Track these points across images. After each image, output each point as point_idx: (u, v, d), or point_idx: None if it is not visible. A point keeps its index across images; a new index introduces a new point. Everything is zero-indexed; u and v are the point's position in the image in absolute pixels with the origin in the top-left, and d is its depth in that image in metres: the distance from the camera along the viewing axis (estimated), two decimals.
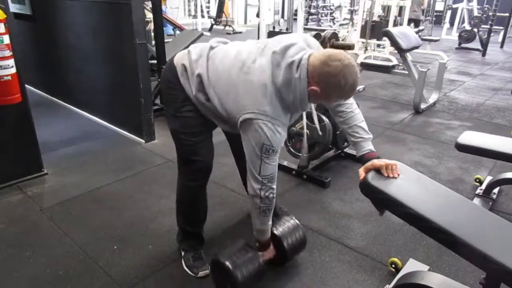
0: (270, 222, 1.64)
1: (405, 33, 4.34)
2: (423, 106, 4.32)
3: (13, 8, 3.97)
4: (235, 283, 1.57)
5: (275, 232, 1.75)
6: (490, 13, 8.43)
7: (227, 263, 1.58)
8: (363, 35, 7.00)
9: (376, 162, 1.49)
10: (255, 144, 1.40)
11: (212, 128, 1.70)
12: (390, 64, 4.56)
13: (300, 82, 1.35)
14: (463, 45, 8.74)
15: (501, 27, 9.35)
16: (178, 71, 1.58)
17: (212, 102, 1.52)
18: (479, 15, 8.89)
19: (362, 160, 1.56)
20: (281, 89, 1.38)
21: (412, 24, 7.59)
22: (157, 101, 4.00)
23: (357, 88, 1.64)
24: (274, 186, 1.52)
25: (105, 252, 1.93)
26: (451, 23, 10.81)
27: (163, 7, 9.39)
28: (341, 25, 9.34)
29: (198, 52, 1.56)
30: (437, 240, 1.33)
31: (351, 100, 1.63)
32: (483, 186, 2.53)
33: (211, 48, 1.57)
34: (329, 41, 2.56)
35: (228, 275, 1.58)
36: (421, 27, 7.81)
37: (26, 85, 2.50)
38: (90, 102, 3.77)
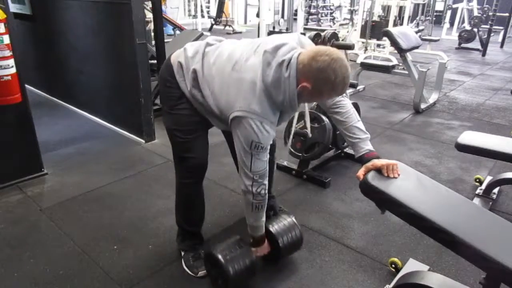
0: (264, 219, 1.65)
1: (405, 33, 4.34)
2: (423, 106, 4.32)
3: (13, 8, 3.97)
4: (227, 277, 1.58)
5: (270, 229, 1.76)
6: (490, 13, 8.43)
7: (220, 257, 1.59)
8: (363, 35, 7.01)
9: (376, 162, 1.49)
10: (244, 141, 1.41)
11: (207, 127, 1.70)
12: (390, 64, 4.55)
13: (290, 82, 1.36)
14: (463, 45, 8.74)
15: (501, 27, 9.34)
16: (174, 69, 1.59)
17: (206, 99, 1.53)
18: (479, 15, 8.88)
19: (361, 160, 1.56)
20: (271, 89, 1.38)
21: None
22: (157, 101, 4.00)
23: (358, 88, 1.64)
24: (266, 182, 1.53)
25: (105, 252, 1.93)
26: (451, 23, 10.81)
27: (163, 7, 9.39)
28: (341, 25, 9.33)
29: (194, 49, 1.58)
30: (437, 240, 1.33)
31: (346, 101, 1.64)
32: (483, 186, 2.53)
33: (207, 45, 1.58)
34: (329, 41, 2.56)
35: (220, 269, 1.60)
36: (421, 27, 7.81)
37: (26, 85, 2.50)
38: (90, 102, 3.77)
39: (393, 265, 1.82)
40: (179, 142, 1.64)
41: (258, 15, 8.21)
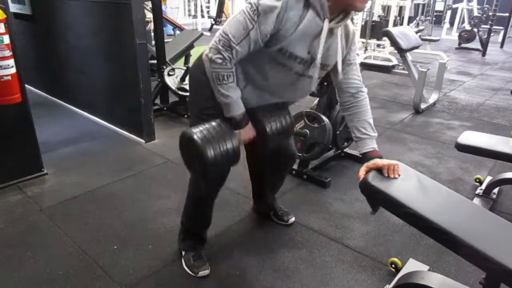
0: (235, 95, 1.42)
1: (405, 33, 4.34)
2: (423, 106, 4.32)
3: (13, 8, 3.97)
4: (204, 160, 1.36)
5: (257, 114, 1.54)
6: (490, 13, 8.43)
7: (196, 137, 1.36)
8: (363, 35, 7.01)
9: (378, 161, 1.48)
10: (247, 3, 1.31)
11: None
12: (390, 64, 4.55)
13: None
14: (463, 45, 8.74)
15: (501, 27, 9.35)
16: (206, 66, 1.42)
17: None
18: (479, 15, 8.88)
19: (364, 157, 1.52)
20: None
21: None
22: (157, 101, 4.01)
23: None
24: (225, 54, 1.32)
25: (105, 252, 1.93)
26: (451, 23, 10.82)
27: (163, 7, 9.39)
28: None
29: None
30: (437, 240, 1.33)
31: (365, 94, 1.57)
32: (483, 186, 2.53)
33: None
34: None
35: (196, 151, 1.37)
36: (421, 27, 7.81)
37: (26, 85, 2.50)
38: (90, 102, 3.77)
39: (393, 265, 1.82)
40: None
41: None
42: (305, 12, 1.31)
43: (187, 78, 3.39)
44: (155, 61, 3.85)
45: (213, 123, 1.44)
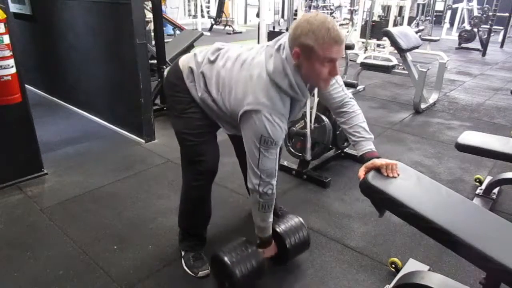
0: (271, 219, 1.63)
1: (405, 33, 4.34)
2: (423, 106, 4.32)
3: (13, 8, 3.97)
4: (233, 280, 1.55)
5: (277, 230, 1.74)
6: (490, 13, 8.43)
7: (226, 259, 1.56)
8: (363, 35, 7.01)
9: (376, 161, 1.49)
10: (254, 136, 1.40)
11: (216, 129, 1.70)
12: (390, 64, 4.56)
13: (287, 61, 1.36)
14: (463, 45, 8.74)
15: (501, 27, 9.35)
16: (184, 74, 1.59)
17: (216, 102, 1.53)
18: (479, 15, 8.89)
19: (362, 159, 1.56)
20: (275, 76, 1.37)
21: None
22: (157, 101, 4.00)
23: (358, 88, 1.64)
24: (274, 182, 1.51)
25: (105, 252, 1.93)
26: (451, 23, 10.81)
27: (163, 7, 9.39)
28: (341, 25, 9.34)
29: (204, 54, 1.58)
30: (437, 240, 1.33)
31: (354, 102, 1.64)
32: (483, 186, 2.53)
33: (217, 49, 1.57)
34: None
35: (226, 272, 1.56)
36: (421, 27, 7.81)
37: (26, 85, 2.50)
38: (90, 102, 3.77)
39: (393, 265, 1.82)
40: (190, 145, 1.63)
41: (258, 15, 8.21)
42: (290, 101, 1.45)
43: None
44: (155, 61, 3.85)
45: (241, 244, 1.65)
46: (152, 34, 4.14)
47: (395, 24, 6.84)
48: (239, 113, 1.41)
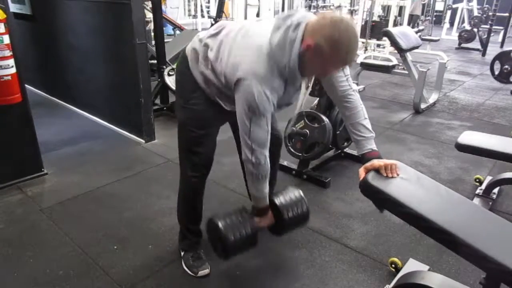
0: (266, 190, 1.60)
1: (405, 33, 4.34)
2: (423, 106, 4.32)
3: (13, 8, 3.97)
4: (226, 244, 1.54)
5: (275, 201, 1.69)
6: (490, 13, 8.43)
7: (220, 223, 1.55)
8: (363, 35, 7.01)
9: (375, 162, 1.49)
10: (244, 104, 1.39)
11: (219, 123, 1.72)
12: (390, 64, 4.55)
13: (295, 43, 1.31)
14: (463, 45, 8.73)
15: (501, 27, 9.34)
16: (189, 58, 1.61)
17: (215, 71, 1.50)
18: (479, 15, 8.88)
19: (362, 159, 1.55)
20: (276, 50, 1.34)
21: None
22: (157, 101, 4.00)
23: (358, 88, 1.64)
24: (266, 153, 1.50)
25: (105, 252, 1.93)
26: (451, 23, 10.80)
27: (163, 7, 9.39)
28: None
29: (206, 32, 1.59)
30: (437, 240, 1.33)
31: (356, 96, 1.60)
32: (483, 186, 2.53)
33: (221, 25, 1.58)
34: None
35: (219, 236, 1.55)
36: (421, 27, 7.81)
37: (26, 85, 2.50)
38: (90, 102, 3.77)
39: (393, 265, 1.82)
40: (191, 136, 1.65)
41: (258, 15, 8.22)
42: (284, 84, 1.43)
43: None
44: (155, 61, 3.85)
45: (237, 212, 1.62)
46: (152, 34, 4.14)
47: (395, 24, 6.85)
48: (234, 81, 1.40)
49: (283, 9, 10.29)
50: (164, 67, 3.75)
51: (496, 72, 4.55)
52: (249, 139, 1.45)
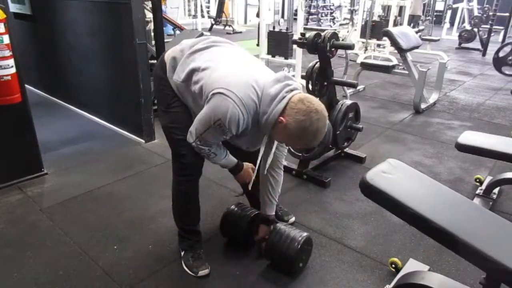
0: (225, 160, 1.67)
1: (405, 33, 4.34)
2: (423, 106, 4.32)
3: (13, 8, 3.97)
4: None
5: (274, 239, 1.80)
6: (490, 13, 8.43)
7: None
8: (363, 35, 7.01)
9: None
10: (212, 113, 1.42)
11: None
12: (390, 64, 4.55)
13: (277, 107, 1.40)
14: (463, 45, 8.74)
15: (501, 27, 9.35)
16: (167, 66, 1.63)
17: (197, 81, 1.52)
18: (479, 15, 8.89)
19: (258, 217, 1.89)
20: (266, 96, 1.42)
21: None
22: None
23: (358, 88, 1.64)
24: (207, 148, 1.56)
25: (105, 252, 1.93)
26: (451, 23, 10.82)
27: (163, 7, 9.39)
28: (341, 25, 9.35)
29: (192, 42, 1.62)
30: (437, 240, 1.33)
31: (280, 171, 1.81)
32: (483, 186, 2.53)
33: (215, 41, 1.62)
34: (329, 41, 2.55)
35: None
36: (421, 27, 7.81)
37: (26, 85, 2.50)
38: (90, 102, 3.77)
39: (393, 265, 1.82)
40: (177, 139, 1.66)
41: (258, 15, 8.22)
42: (251, 127, 1.50)
43: None
44: (155, 61, 3.84)
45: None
46: (152, 34, 4.14)
47: (395, 24, 6.85)
48: (212, 90, 1.41)
49: (283, 9, 10.29)
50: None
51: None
52: (195, 136, 1.52)
